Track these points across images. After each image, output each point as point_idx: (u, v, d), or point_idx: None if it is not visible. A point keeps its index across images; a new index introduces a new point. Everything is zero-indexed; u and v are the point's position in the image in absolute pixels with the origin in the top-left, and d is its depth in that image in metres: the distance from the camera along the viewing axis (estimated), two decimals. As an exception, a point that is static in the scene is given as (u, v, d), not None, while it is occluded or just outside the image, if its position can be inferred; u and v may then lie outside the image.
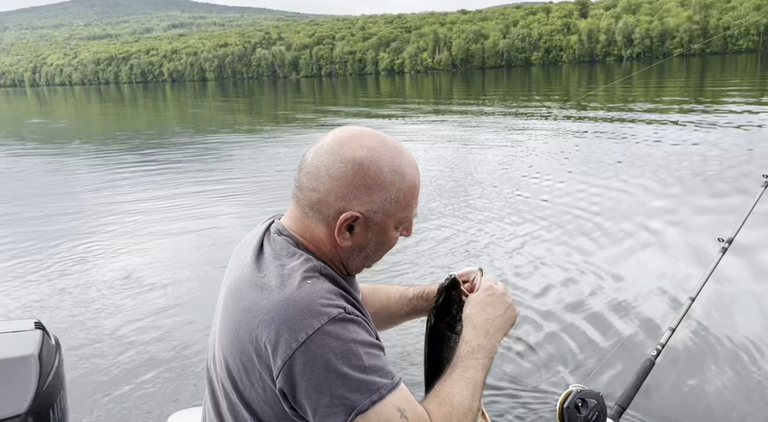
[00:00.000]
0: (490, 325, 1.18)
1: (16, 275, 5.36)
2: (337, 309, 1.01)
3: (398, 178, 1.08)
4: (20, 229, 7.00)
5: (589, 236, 5.83)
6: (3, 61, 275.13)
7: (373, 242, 1.13)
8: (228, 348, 1.07)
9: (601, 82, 42.92)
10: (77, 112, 42.06)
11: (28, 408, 2.44)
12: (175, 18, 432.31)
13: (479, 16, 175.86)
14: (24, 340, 2.70)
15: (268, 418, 1.06)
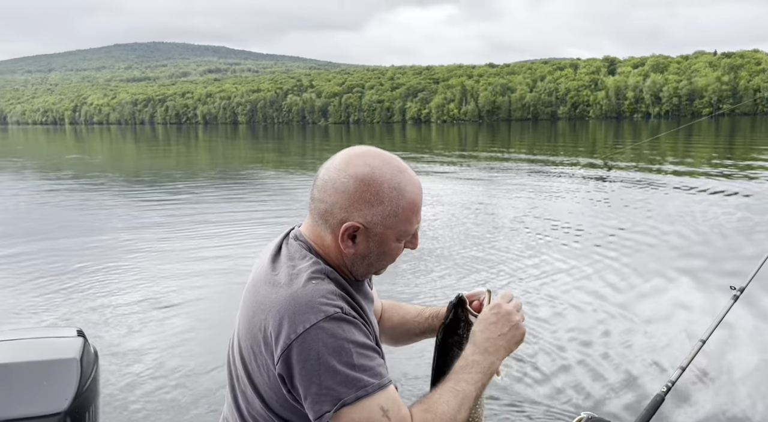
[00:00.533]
0: (490, 344, 1.22)
1: (53, 292, 5.64)
2: (334, 308, 1.11)
3: (397, 194, 1.18)
4: (58, 254, 7.36)
5: (608, 278, 6.05)
6: (46, 100, 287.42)
7: (375, 251, 1.22)
8: (243, 336, 1.21)
9: (629, 138, 42.96)
10: (112, 149, 43.53)
11: (67, 408, 2.54)
12: (211, 63, 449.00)
13: (507, 70, 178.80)
14: (67, 345, 2.82)
15: (271, 401, 1.18)
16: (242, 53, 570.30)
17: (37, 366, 2.63)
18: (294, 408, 1.16)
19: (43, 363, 2.65)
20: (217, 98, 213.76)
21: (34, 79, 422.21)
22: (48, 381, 2.58)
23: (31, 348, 2.77)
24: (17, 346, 2.76)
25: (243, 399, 1.24)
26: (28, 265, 6.74)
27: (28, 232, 8.91)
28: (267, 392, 1.18)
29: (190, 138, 65.92)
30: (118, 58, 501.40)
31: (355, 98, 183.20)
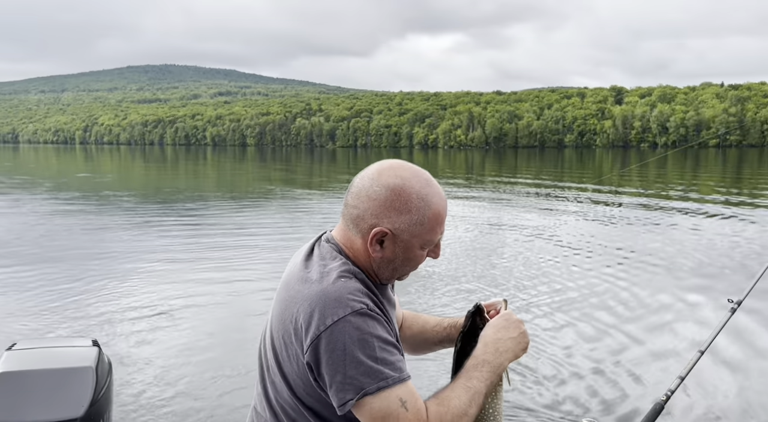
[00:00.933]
0: (500, 345, 1.31)
1: (67, 306, 5.80)
2: (361, 304, 1.20)
3: (424, 204, 1.28)
4: (73, 269, 7.57)
5: (612, 294, 6.43)
6: (58, 120, 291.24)
7: (400, 257, 1.32)
8: (275, 328, 1.31)
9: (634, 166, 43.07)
10: (120, 169, 43.99)
11: (84, 414, 2.62)
12: (222, 86, 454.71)
13: (514, 97, 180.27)
14: (83, 354, 2.91)
15: (298, 389, 1.28)
16: (253, 77, 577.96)
17: (55, 373, 2.71)
18: (319, 396, 1.25)
19: (61, 371, 2.73)
20: (227, 120, 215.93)
21: (47, 98, 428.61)
22: (64, 387, 2.67)
23: (49, 357, 2.87)
24: (36, 355, 2.86)
25: (272, 388, 1.33)
26: (42, 280, 6.95)
27: (42, 249, 9.16)
28: (295, 380, 1.27)
29: (198, 159, 66.54)
30: (130, 80, 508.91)
31: (363, 123, 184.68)
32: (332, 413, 1.24)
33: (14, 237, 10.35)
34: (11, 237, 10.22)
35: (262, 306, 5.81)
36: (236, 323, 5.51)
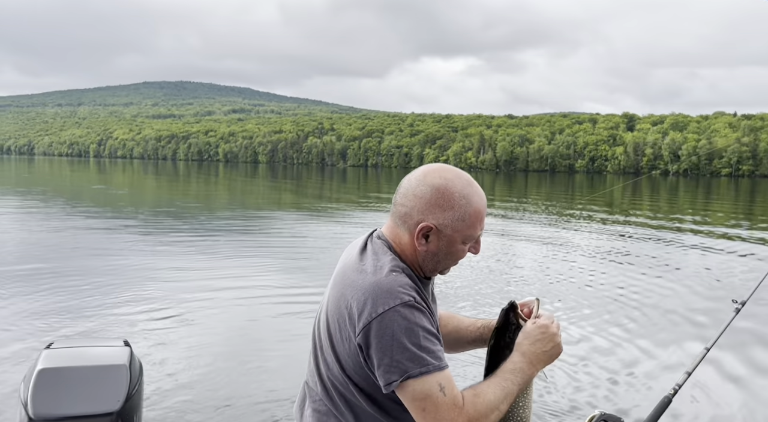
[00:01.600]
0: (534, 357, 1.43)
1: (94, 311, 6.07)
2: (409, 297, 1.34)
3: (465, 202, 1.42)
4: (97, 277, 7.89)
5: (623, 304, 6.98)
6: (74, 133, 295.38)
7: (443, 250, 1.45)
8: (331, 311, 1.44)
9: (647, 193, 43.03)
10: (133, 182, 44.57)
11: (119, 409, 2.75)
12: (236, 104, 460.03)
13: (526, 121, 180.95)
14: (117, 353, 3.06)
15: (348, 366, 1.42)
16: (266, 95, 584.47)
17: (92, 370, 2.88)
18: (366, 375, 1.38)
19: (97, 368, 2.90)
20: (240, 137, 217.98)
21: (64, 112, 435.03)
22: (101, 383, 2.83)
23: (85, 355, 3.03)
24: (72, 354, 3.03)
25: (324, 365, 1.48)
26: (68, 287, 7.31)
27: (64, 258, 9.56)
28: (346, 359, 1.41)
29: (210, 174, 67.23)
30: (145, 95, 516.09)
31: (374, 143, 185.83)
32: (377, 391, 1.38)
33: (38, 247, 10.70)
34: (37, 247, 10.58)
35: (273, 310, 6.40)
36: (249, 326, 5.90)
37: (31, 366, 2.85)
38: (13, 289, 6.89)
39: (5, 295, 6.60)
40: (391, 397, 1.38)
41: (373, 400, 1.42)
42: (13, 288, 6.96)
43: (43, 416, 2.63)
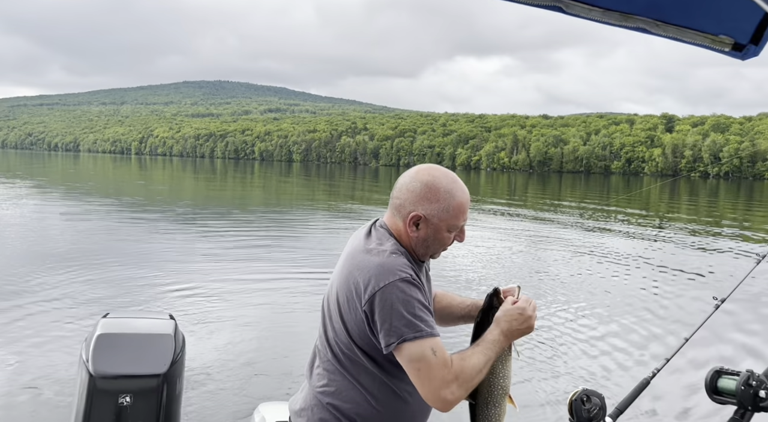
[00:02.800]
0: (509, 332, 1.67)
1: (142, 290, 6.75)
2: (406, 274, 1.60)
3: (449, 196, 1.70)
4: (145, 262, 8.70)
5: (625, 298, 7.73)
6: (116, 131, 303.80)
7: (431, 237, 1.71)
8: (340, 287, 1.70)
9: (685, 196, 42.17)
10: (173, 179, 45.95)
11: (166, 371, 3.26)
12: (272, 103, 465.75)
13: (560, 122, 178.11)
14: (163, 324, 3.58)
15: (354, 333, 1.67)
16: (302, 95, 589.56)
17: (143, 337, 3.40)
18: (368, 338, 1.63)
19: (147, 335, 3.42)
20: (275, 136, 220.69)
21: (108, 110, 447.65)
22: (151, 348, 3.32)
23: (136, 325, 3.56)
24: (126, 323, 3.56)
25: (332, 331, 1.73)
26: (120, 271, 8.23)
27: (113, 246, 10.58)
28: (352, 326, 1.66)
29: (246, 172, 68.64)
30: (185, 94, 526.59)
31: (406, 142, 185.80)
32: (377, 353, 1.63)
33: (91, 234, 11.67)
34: (90, 234, 11.56)
35: (302, 296, 7.12)
36: (278, 310, 6.45)
37: (91, 331, 3.37)
38: (72, 269, 7.77)
39: (67, 274, 7.50)
40: (388, 358, 1.62)
41: (374, 360, 1.66)
42: (72, 268, 7.86)
43: (102, 373, 3.14)
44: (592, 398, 1.58)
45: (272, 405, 3.38)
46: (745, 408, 1.40)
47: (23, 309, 6.07)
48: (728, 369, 1.52)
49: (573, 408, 1.58)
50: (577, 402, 1.57)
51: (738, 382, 1.42)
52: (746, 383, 1.41)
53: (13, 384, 4.46)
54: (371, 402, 1.68)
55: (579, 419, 1.57)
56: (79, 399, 3.12)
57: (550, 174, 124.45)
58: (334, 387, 1.71)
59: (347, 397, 1.69)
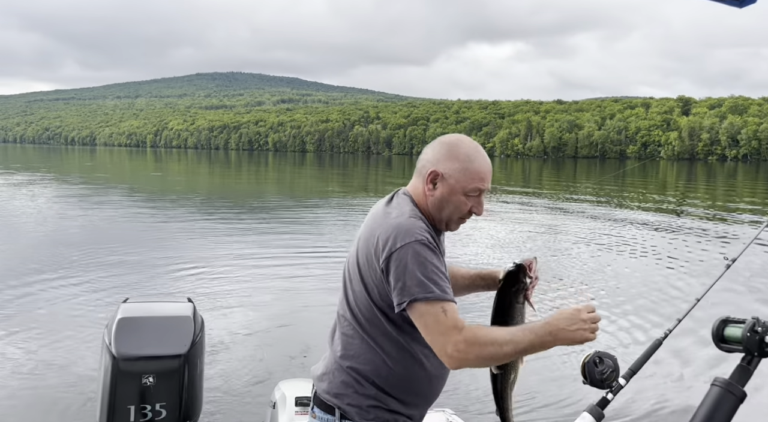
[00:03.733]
0: (558, 332, 1.61)
1: (160, 276, 6.90)
2: (423, 237, 1.63)
3: (469, 159, 1.73)
4: (162, 249, 8.90)
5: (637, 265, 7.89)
6: (132, 124, 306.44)
7: (447, 198, 1.73)
8: (361, 248, 1.75)
9: (702, 180, 41.68)
10: (188, 171, 46.39)
11: (187, 352, 3.36)
12: (285, 94, 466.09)
13: (575, 107, 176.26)
14: (183, 308, 3.67)
15: (375, 295, 1.71)
16: (314, 85, 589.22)
17: (163, 320, 3.50)
18: (387, 298, 1.66)
19: (168, 318, 3.52)
20: (288, 127, 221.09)
21: (123, 104, 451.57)
22: (171, 329, 3.42)
23: (156, 308, 3.67)
24: (146, 307, 3.66)
25: (352, 293, 1.78)
26: (139, 258, 8.51)
27: (133, 236, 10.94)
28: (372, 286, 1.70)
29: (260, 163, 68.99)
30: (199, 87, 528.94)
31: (419, 131, 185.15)
32: (396, 314, 1.66)
33: (110, 223, 11.98)
34: (109, 223, 11.87)
35: (317, 282, 7.26)
36: (294, 291, 6.61)
37: (112, 316, 3.47)
38: (92, 257, 8.02)
39: (87, 261, 7.71)
40: (407, 320, 1.64)
41: (392, 321, 1.70)
42: (91, 256, 8.11)
43: (124, 355, 3.24)
44: (604, 360, 1.60)
45: (291, 382, 3.47)
46: (752, 354, 1.42)
47: (46, 297, 6.26)
48: (734, 318, 1.52)
49: (586, 370, 1.60)
50: (590, 364, 1.59)
51: (744, 329, 1.43)
52: (752, 329, 1.42)
53: (39, 369, 4.62)
54: (389, 363, 1.71)
55: (592, 380, 1.59)
56: (104, 381, 3.23)
57: (565, 159, 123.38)
58: (354, 351, 1.75)
59: (366, 360, 1.73)
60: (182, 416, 3.27)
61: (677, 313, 1.86)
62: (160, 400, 3.24)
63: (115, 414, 3.18)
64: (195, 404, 3.34)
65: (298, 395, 3.19)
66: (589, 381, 1.60)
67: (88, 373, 4.37)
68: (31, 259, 8.13)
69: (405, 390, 1.75)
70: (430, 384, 1.79)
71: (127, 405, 3.19)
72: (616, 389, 1.59)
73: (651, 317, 6.04)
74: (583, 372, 1.61)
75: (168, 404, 3.23)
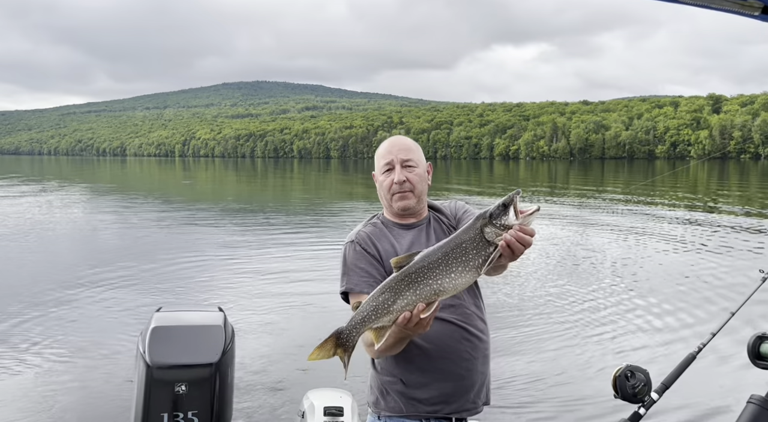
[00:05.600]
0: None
1: (191, 285, 7.02)
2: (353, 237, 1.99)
3: (378, 150, 2.11)
4: (195, 257, 9.06)
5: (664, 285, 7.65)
6: (160, 134, 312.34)
7: (378, 187, 2.05)
8: None
9: (734, 180, 40.65)
10: (215, 179, 47.09)
11: (218, 360, 3.42)
12: (309, 101, 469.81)
13: (602, 107, 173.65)
14: (213, 316, 3.74)
15: None
16: (338, 91, 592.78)
17: (195, 329, 3.56)
18: None
19: (199, 327, 3.59)
20: (313, 134, 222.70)
21: (151, 115, 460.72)
22: (203, 338, 3.49)
23: (188, 317, 3.73)
24: (178, 316, 3.73)
25: None
26: (170, 265, 8.65)
27: (164, 242, 11.28)
28: None
29: (286, 171, 69.61)
30: (225, 96, 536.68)
31: (443, 134, 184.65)
32: None
33: (143, 231, 12.30)
34: (141, 231, 12.18)
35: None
36: (323, 300, 6.73)
37: (146, 325, 3.56)
38: (126, 266, 8.22)
39: (121, 271, 7.92)
40: None
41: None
42: (125, 265, 8.31)
43: (158, 363, 3.31)
44: (636, 374, 1.56)
45: (320, 392, 3.50)
46: None
47: (82, 306, 6.44)
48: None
49: (617, 384, 1.56)
50: (621, 378, 1.56)
51: None
52: None
53: (76, 377, 4.75)
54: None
55: (624, 395, 1.55)
56: (138, 389, 3.31)
57: (592, 161, 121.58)
58: None
59: None
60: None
61: (710, 326, 1.85)
62: (192, 408, 3.30)
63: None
64: (226, 412, 3.39)
65: (327, 404, 3.22)
66: (620, 396, 1.56)
67: (123, 381, 4.48)
68: (68, 268, 8.41)
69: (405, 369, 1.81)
70: (429, 359, 1.80)
71: (161, 412, 3.25)
72: (649, 404, 1.55)
73: (683, 330, 5.88)
74: (615, 386, 1.57)
75: (200, 412, 3.29)
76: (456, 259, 1.39)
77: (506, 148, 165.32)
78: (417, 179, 1.96)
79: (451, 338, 1.79)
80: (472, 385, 1.82)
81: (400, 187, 1.91)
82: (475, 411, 1.87)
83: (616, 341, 5.47)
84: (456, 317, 1.83)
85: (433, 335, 1.73)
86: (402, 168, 1.94)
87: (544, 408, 4.05)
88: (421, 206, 2.01)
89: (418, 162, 1.99)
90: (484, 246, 1.40)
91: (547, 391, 4.27)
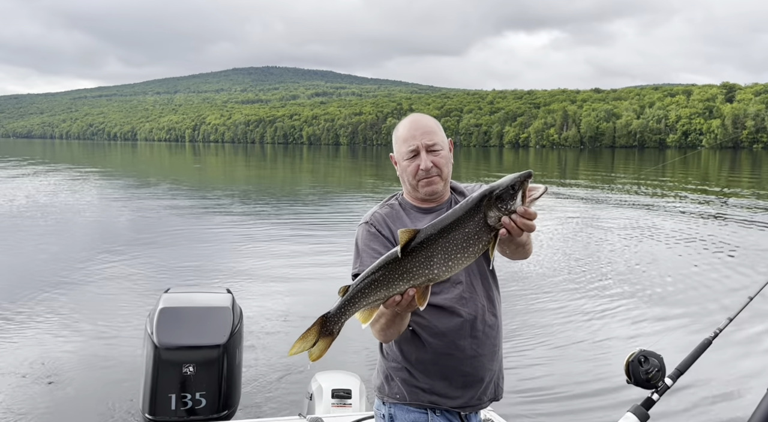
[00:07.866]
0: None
1: (200, 267, 7.05)
2: (368, 219, 1.96)
3: (396, 132, 2.00)
4: (203, 241, 9.11)
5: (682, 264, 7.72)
6: (171, 119, 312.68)
7: (401, 172, 1.97)
8: None
9: (746, 170, 40.19)
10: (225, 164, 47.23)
11: (226, 341, 3.42)
12: (319, 87, 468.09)
13: (613, 95, 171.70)
14: (222, 298, 3.74)
15: None
16: (348, 77, 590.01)
17: (203, 310, 3.56)
18: None
19: (207, 308, 3.59)
20: (322, 120, 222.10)
21: (162, 99, 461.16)
22: (211, 320, 3.49)
23: (196, 299, 3.73)
24: (186, 297, 3.73)
25: None
26: (180, 247, 8.60)
27: (173, 225, 11.34)
28: None
29: (295, 157, 69.66)
30: (235, 81, 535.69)
31: (452, 122, 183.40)
32: None
33: (153, 214, 12.39)
34: (152, 214, 12.29)
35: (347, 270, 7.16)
36: (331, 283, 6.70)
37: (154, 306, 3.56)
38: (135, 248, 8.29)
39: (130, 252, 7.98)
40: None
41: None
42: (134, 247, 8.38)
43: (166, 344, 3.32)
44: (650, 359, 1.53)
45: (328, 374, 3.50)
46: None
47: (91, 288, 6.48)
48: None
49: (630, 370, 1.54)
50: (634, 363, 1.52)
51: None
52: None
53: (86, 358, 4.79)
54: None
55: (637, 380, 1.52)
56: (146, 369, 3.32)
57: (602, 149, 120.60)
58: None
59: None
60: (221, 405, 3.33)
61: (727, 311, 1.83)
62: (200, 389, 3.31)
63: (156, 403, 3.27)
64: (233, 394, 3.40)
65: (335, 387, 3.21)
66: (633, 381, 1.54)
67: (132, 361, 4.50)
68: (75, 251, 8.45)
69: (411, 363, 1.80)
70: (433, 353, 1.77)
71: (168, 393, 3.26)
72: (662, 389, 1.52)
73: (699, 315, 5.87)
74: (627, 371, 1.55)
75: (207, 393, 3.30)
76: (456, 245, 1.32)
77: (516, 136, 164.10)
78: (443, 162, 1.90)
79: (457, 334, 1.75)
80: (477, 382, 1.79)
81: (427, 173, 1.86)
82: (480, 407, 1.84)
83: (630, 327, 5.47)
84: (466, 310, 1.78)
85: (439, 329, 1.72)
86: (427, 153, 1.86)
87: (555, 393, 4.02)
88: (446, 189, 1.97)
89: (442, 144, 1.91)
90: (486, 231, 1.31)
91: (559, 377, 4.24)
